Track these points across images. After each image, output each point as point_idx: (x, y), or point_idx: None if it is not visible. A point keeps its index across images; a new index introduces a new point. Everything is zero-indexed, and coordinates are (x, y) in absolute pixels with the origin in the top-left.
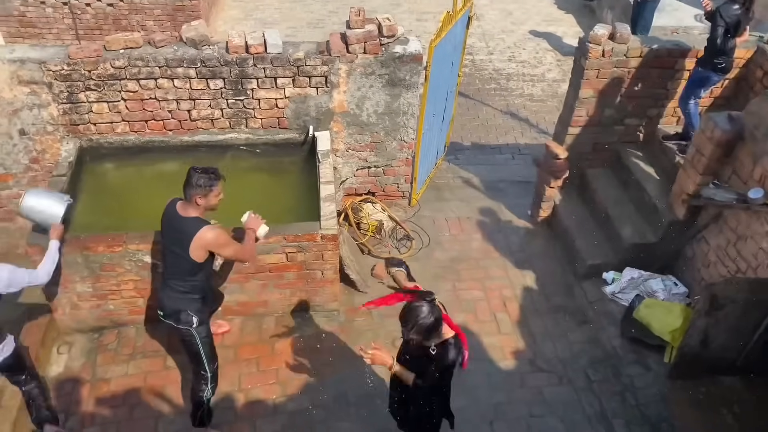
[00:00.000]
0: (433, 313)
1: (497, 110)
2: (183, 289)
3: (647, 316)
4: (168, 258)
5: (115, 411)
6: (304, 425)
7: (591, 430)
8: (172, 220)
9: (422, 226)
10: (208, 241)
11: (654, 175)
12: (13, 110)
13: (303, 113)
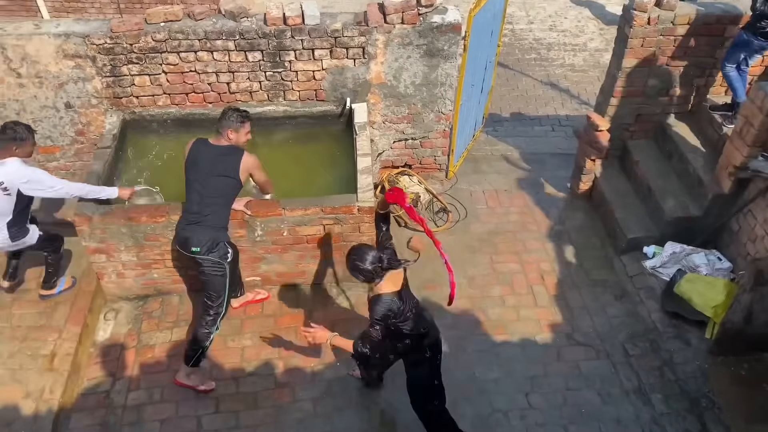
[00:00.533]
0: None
1: (537, 81)
2: (219, 222)
3: (689, 290)
4: (207, 189)
5: (160, 376)
6: (341, 392)
7: (628, 404)
8: (208, 152)
9: (459, 198)
10: (252, 163)
11: (699, 146)
12: (59, 83)
13: (340, 85)
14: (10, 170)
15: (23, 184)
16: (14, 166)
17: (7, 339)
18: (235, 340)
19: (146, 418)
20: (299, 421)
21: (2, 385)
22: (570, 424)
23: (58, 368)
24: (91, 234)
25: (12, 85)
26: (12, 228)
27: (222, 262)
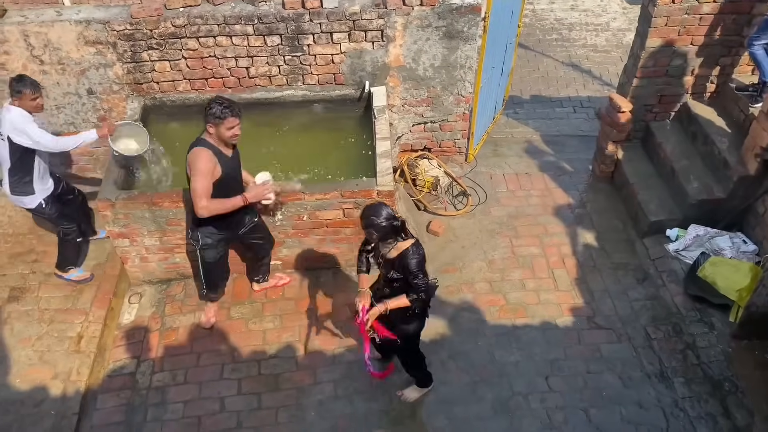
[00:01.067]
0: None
1: (558, 62)
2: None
3: (713, 274)
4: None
5: (183, 358)
6: (361, 375)
7: (650, 387)
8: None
9: (479, 182)
10: (189, 160)
11: (725, 127)
12: (80, 70)
13: (359, 68)
14: (8, 117)
15: (12, 132)
16: (13, 114)
17: (35, 322)
18: (256, 323)
19: (170, 399)
20: (320, 402)
21: (31, 367)
22: (590, 408)
23: (85, 350)
24: (114, 219)
25: (35, 72)
26: (12, 177)
27: (194, 245)
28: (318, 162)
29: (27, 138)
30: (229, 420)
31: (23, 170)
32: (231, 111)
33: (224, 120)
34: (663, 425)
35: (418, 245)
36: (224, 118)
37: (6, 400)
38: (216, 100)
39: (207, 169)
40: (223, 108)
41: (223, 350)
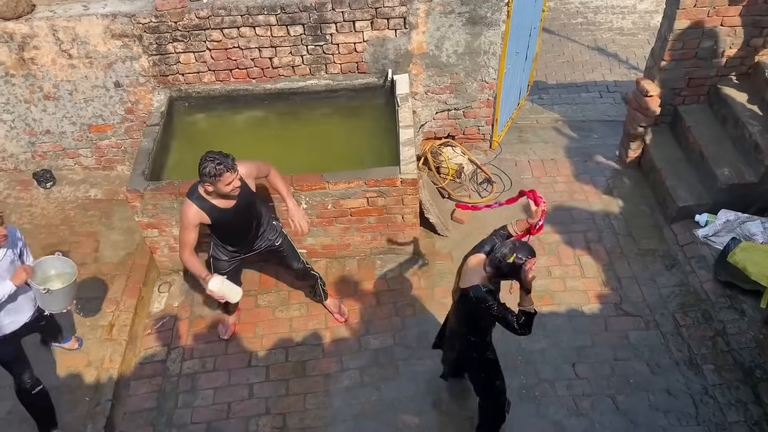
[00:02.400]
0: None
1: (584, 46)
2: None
3: (744, 259)
4: None
5: (212, 346)
6: (387, 362)
7: (679, 374)
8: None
9: (504, 169)
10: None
11: (756, 110)
12: (107, 63)
13: (381, 56)
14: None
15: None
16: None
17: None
18: (283, 311)
19: (200, 385)
20: (347, 389)
21: (65, 354)
22: (618, 395)
23: (117, 338)
24: (143, 210)
25: (64, 66)
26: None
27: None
28: (341, 151)
29: None
30: (258, 406)
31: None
32: (225, 167)
33: (221, 177)
34: (692, 412)
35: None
36: (220, 176)
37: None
38: (207, 158)
39: (189, 224)
40: (217, 165)
41: (251, 338)
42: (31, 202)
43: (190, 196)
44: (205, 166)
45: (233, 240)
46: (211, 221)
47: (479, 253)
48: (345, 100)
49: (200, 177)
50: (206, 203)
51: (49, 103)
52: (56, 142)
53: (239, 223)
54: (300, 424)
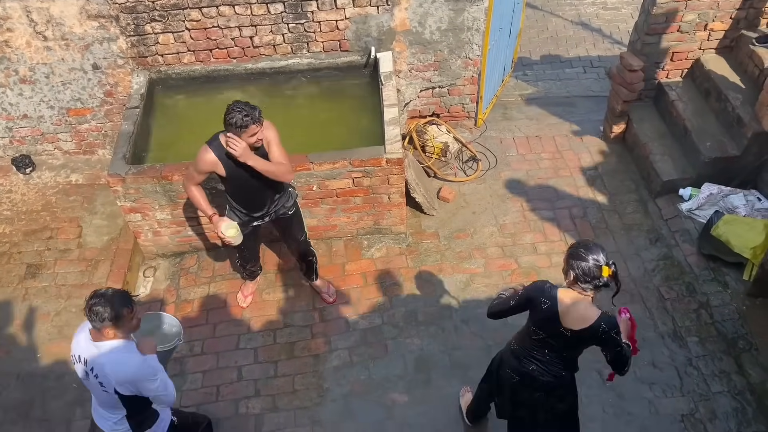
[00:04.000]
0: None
1: (568, 21)
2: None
3: (726, 232)
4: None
5: (200, 329)
6: (376, 342)
7: (663, 347)
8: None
9: (489, 146)
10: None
11: (739, 83)
12: (84, 45)
13: (364, 34)
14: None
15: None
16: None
17: (53, 297)
18: (270, 293)
19: (188, 369)
20: (336, 369)
21: (51, 341)
22: (604, 368)
23: None
24: (125, 194)
25: (39, 48)
26: (132, 420)
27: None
28: (326, 131)
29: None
30: (247, 388)
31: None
32: (252, 119)
33: (247, 129)
34: (677, 383)
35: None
36: (246, 127)
37: (29, 375)
38: (235, 108)
39: (200, 169)
40: (244, 116)
41: (239, 320)
42: (11, 188)
43: (210, 144)
44: (232, 116)
45: (246, 200)
46: (225, 172)
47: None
48: (328, 79)
49: (225, 126)
50: (224, 152)
51: (26, 87)
52: (34, 126)
53: (253, 181)
54: (290, 405)
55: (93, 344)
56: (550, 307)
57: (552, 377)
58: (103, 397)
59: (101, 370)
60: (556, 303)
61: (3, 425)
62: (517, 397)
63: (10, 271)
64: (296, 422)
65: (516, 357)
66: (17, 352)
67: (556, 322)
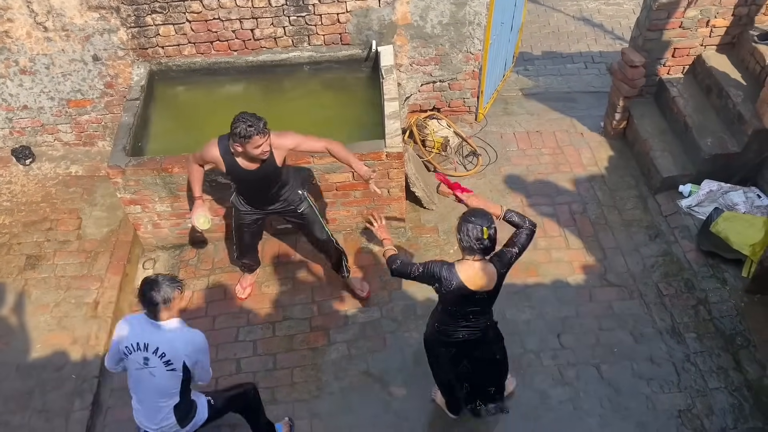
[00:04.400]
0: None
1: (569, 16)
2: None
3: (726, 229)
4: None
5: (199, 321)
6: (374, 335)
7: (661, 342)
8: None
9: (489, 141)
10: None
11: (740, 80)
12: (85, 36)
13: (365, 27)
14: (172, 337)
15: (191, 357)
16: (175, 329)
17: (52, 288)
18: (269, 287)
19: None
20: (335, 362)
21: (50, 332)
22: (602, 364)
23: (102, 315)
24: (125, 186)
25: (40, 39)
26: (181, 409)
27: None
28: (326, 124)
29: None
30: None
31: (190, 392)
32: (256, 130)
33: (251, 139)
34: (674, 379)
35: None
36: (250, 137)
37: (28, 366)
38: (240, 118)
39: (203, 156)
40: (248, 127)
41: (238, 313)
42: (11, 179)
43: (220, 140)
44: (237, 126)
45: (248, 195)
46: (226, 170)
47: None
48: (329, 72)
49: (232, 135)
50: (229, 156)
51: (26, 78)
52: (34, 117)
53: (253, 186)
54: (288, 398)
55: (154, 327)
56: (457, 284)
57: (481, 330)
58: (162, 382)
59: (171, 346)
60: (459, 278)
61: (2, 415)
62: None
63: (10, 262)
64: (295, 415)
65: (444, 334)
66: (16, 342)
67: (467, 291)
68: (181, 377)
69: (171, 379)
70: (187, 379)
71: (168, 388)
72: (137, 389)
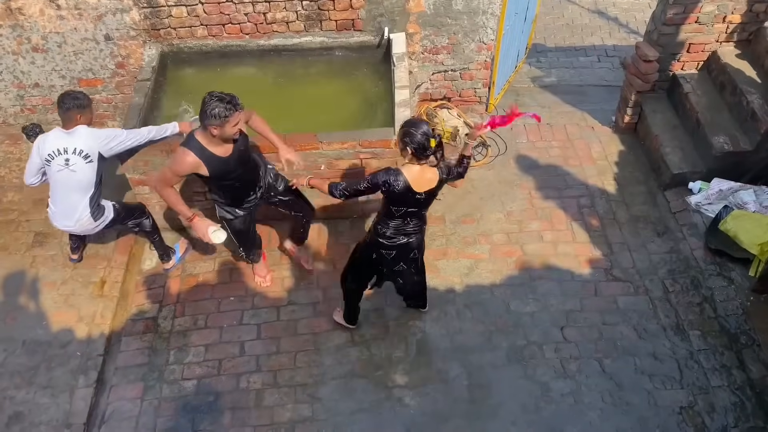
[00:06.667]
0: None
1: (584, 8)
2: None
3: (735, 227)
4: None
5: (204, 303)
6: (377, 322)
7: (665, 339)
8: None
9: (499, 132)
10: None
11: (755, 78)
12: (97, 15)
13: (378, 14)
14: (84, 136)
15: (105, 145)
16: (85, 131)
17: (60, 267)
18: (275, 271)
19: (192, 342)
20: (337, 348)
21: (57, 309)
22: (605, 358)
23: (108, 294)
24: (134, 166)
25: (52, 17)
26: (93, 202)
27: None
28: (336, 110)
29: (122, 140)
30: (249, 363)
31: (100, 188)
32: (234, 106)
33: (229, 118)
34: (677, 376)
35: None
36: (229, 116)
37: (34, 342)
38: (213, 98)
39: (180, 171)
40: (226, 104)
41: (243, 297)
42: (21, 156)
43: (187, 144)
44: (213, 107)
45: (234, 195)
46: (209, 172)
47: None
48: (340, 58)
49: (206, 119)
50: (205, 152)
51: (38, 56)
52: (45, 95)
53: (239, 172)
54: (290, 382)
55: (67, 134)
56: (403, 184)
57: (419, 235)
58: (82, 176)
59: (85, 143)
60: (407, 181)
61: (7, 390)
62: (396, 266)
63: (18, 239)
64: (296, 399)
65: (387, 238)
66: (24, 318)
67: (412, 192)
68: (96, 167)
69: (89, 171)
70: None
71: (87, 180)
72: (57, 191)
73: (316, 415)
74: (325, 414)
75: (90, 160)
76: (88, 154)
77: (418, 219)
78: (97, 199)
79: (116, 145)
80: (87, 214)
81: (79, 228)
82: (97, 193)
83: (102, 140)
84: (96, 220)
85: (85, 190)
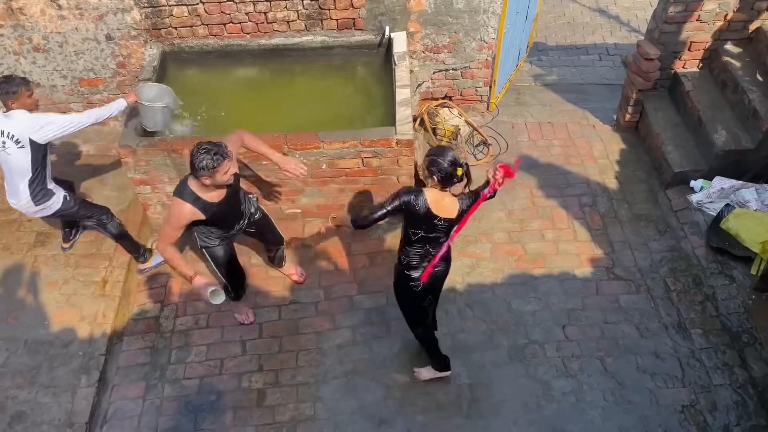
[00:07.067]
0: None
1: (585, 7)
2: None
3: (736, 226)
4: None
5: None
6: (379, 321)
7: (667, 338)
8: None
9: (500, 131)
10: (171, 205)
11: (757, 76)
12: (98, 15)
13: (379, 12)
14: (17, 121)
15: (36, 132)
16: (20, 116)
17: (61, 266)
18: (276, 271)
19: (193, 342)
20: (339, 347)
21: (58, 309)
22: (606, 357)
23: (110, 294)
24: (135, 166)
25: (53, 17)
26: (33, 187)
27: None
28: (337, 110)
29: (56, 127)
30: (251, 363)
31: (43, 173)
32: (222, 155)
33: (218, 168)
34: (678, 374)
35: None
36: (218, 166)
37: (36, 341)
38: (201, 150)
39: (181, 223)
40: (213, 156)
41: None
42: None
43: (181, 195)
44: (201, 159)
45: (223, 225)
46: (206, 217)
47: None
48: (341, 58)
49: (197, 171)
50: (199, 201)
51: (39, 56)
52: (47, 95)
53: (229, 212)
54: (292, 381)
55: (5, 116)
56: (423, 204)
57: (445, 264)
58: (15, 161)
59: (17, 128)
60: (427, 203)
61: (9, 390)
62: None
63: (20, 239)
64: (298, 398)
65: (412, 268)
66: (26, 318)
67: (431, 214)
68: (29, 153)
69: (22, 156)
70: (40, 159)
71: (21, 165)
72: (4, 170)
73: (317, 414)
74: (326, 413)
75: (21, 146)
76: (19, 139)
77: (439, 247)
78: (39, 183)
79: (49, 132)
80: (27, 197)
81: (22, 208)
82: (37, 178)
83: (34, 127)
84: (37, 204)
85: (22, 174)
